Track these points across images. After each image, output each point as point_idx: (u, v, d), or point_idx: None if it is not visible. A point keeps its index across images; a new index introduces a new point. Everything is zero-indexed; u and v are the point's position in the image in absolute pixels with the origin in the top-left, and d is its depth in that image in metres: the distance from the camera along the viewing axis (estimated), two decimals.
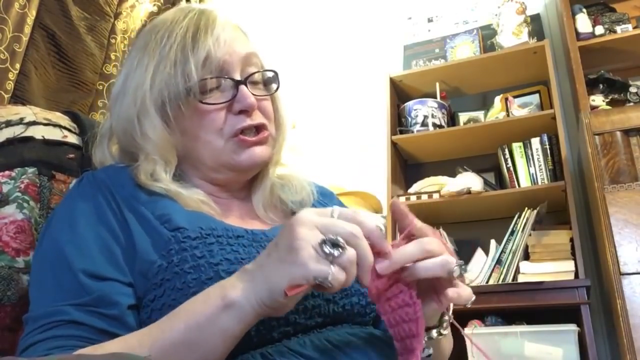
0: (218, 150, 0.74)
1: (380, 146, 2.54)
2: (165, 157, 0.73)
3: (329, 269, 0.49)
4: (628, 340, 1.58)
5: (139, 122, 0.74)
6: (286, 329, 0.62)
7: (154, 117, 0.73)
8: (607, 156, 1.83)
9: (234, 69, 0.75)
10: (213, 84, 0.73)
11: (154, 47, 0.75)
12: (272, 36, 2.80)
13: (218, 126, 0.73)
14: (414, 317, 0.54)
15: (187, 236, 0.64)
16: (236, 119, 0.74)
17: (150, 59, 0.74)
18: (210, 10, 0.78)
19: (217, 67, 0.73)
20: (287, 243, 0.50)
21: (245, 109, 0.73)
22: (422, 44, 2.81)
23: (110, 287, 0.61)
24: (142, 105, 0.73)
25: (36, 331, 0.59)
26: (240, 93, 0.73)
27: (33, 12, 1.49)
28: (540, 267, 1.98)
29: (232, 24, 0.78)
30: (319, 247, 0.49)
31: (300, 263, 0.49)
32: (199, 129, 0.73)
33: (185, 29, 0.74)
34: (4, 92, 1.39)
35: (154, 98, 0.73)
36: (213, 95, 0.73)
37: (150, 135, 0.73)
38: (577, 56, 2.13)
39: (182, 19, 0.75)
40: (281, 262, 0.51)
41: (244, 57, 0.76)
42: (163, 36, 0.75)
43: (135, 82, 0.75)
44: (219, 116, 0.73)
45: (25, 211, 0.78)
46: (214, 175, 0.77)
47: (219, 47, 0.73)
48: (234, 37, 0.76)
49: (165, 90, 0.72)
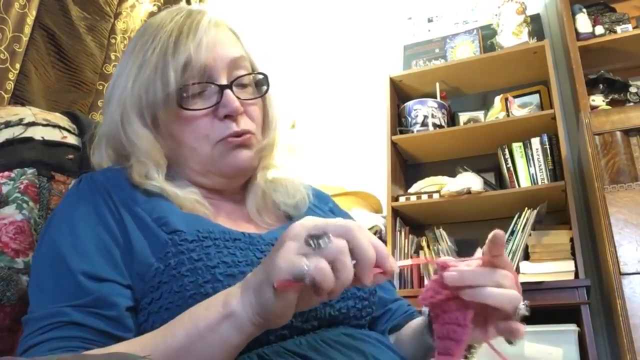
0: (205, 156, 0.73)
1: (380, 146, 2.54)
2: (154, 159, 0.73)
3: (313, 260, 0.46)
4: (628, 340, 1.58)
5: (122, 128, 0.73)
6: (282, 332, 0.62)
7: (135, 122, 0.72)
8: (607, 156, 1.83)
9: (219, 74, 0.73)
10: (196, 89, 0.72)
11: (138, 51, 0.74)
12: (272, 36, 2.80)
13: (204, 132, 0.72)
14: (459, 338, 0.53)
15: (184, 239, 0.64)
16: (222, 124, 0.73)
17: (134, 64, 0.74)
18: (197, 12, 0.76)
19: (199, 71, 0.72)
20: (276, 246, 0.49)
21: (230, 113, 0.72)
22: (422, 44, 2.81)
23: (109, 288, 0.61)
24: (124, 111, 0.73)
25: (36, 332, 0.59)
26: (225, 98, 0.72)
27: (33, 12, 1.49)
28: (540, 267, 1.97)
29: (219, 25, 0.76)
30: (303, 242, 0.47)
31: (283, 257, 0.47)
32: (183, 135, 0.73)
33: (169, 33, 0.73)
34: (4, 92, 1.39)
35: (134, 103, 0.73)
36: (197, 100, 0.72)
37: (134, 140, 0.72)
38: (577, 56, 2.13)
39: (168, 22, 0.74)
40: (267, 264, 0.49)
41: (230, 61, 0.74)
42: (148, 40, 0.74)
43: (120, 86, 0.75)
44: (204, 122, 0.72)
45: (25, 212, 0.78)
46: (202, 180, 0.76)
47: (200, 51, 0.72)
48: (219, 40, 0.74)
49: (144, 95, 0.72)
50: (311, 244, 0.47)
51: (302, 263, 0.45)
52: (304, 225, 0.49)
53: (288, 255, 0.47)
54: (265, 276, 0.48)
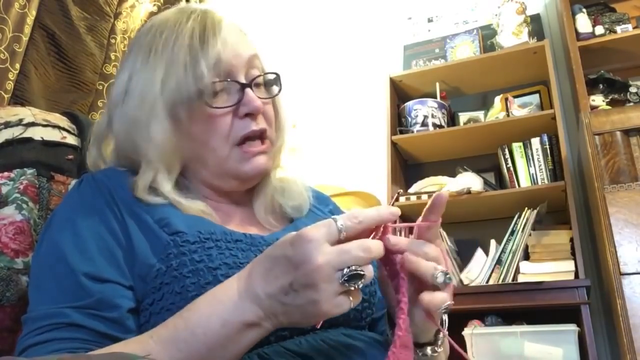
0: (223, 157, 0.73)
1: (380, 146, 2.54)
2: (168, 162, 0.72)
3: (349, 303, 0.52)
4: (628, 340, 1.58)
5: (146, 125, 0.72)
6: (283, 333, 0.62)
7: (164, 120, 0.71)
8: (607, 156, 1.83)
9: (239, 72, 0.74)
10: (220, 87, 0.73)
11: (161, 49, 0.73)
12: (272, 36, 2.79)
13: (225, 131, 0.72)
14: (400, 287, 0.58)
15: (186, 240, 0.64)
16: (242, 123, 0.73)
17: (159, 61, 0.73)
18: (213, 12, 0.76)
19: (225, 70, 0.73)
20: (308, 295, 0.51)
21: (252, 112, 0.73)
22: (422, 44, 2.81)
23: (111, 289, 0.61)
24: (151, 109, 0.72)
25: (35, 332, 0.59)
26: (246, 96, 0.73)
27: (33, 12, 1.49)
28: (540, 267, 1.98)
29: (236, 26, 0.77)
30: (340, 288, 0.51)
31: (324, 313, 0.51)
32: (206, 134, 0.72)
33: (191, 30, 0.73)
34: (3, 92, 1.39)
35: (165, 101, 0.72)
36: (220, 98, 0.73)
37: (158, 138, 0.71)
38: (577, 56, 2.13)
39: (185, 21, 0.74)
40: (304, 310, 0.52)
41: (247, 60, 0.75)
42: (169, 38, 0.73)
43: (141, 84, 0.73)
44: (226, 121, 0.73)
45: (24, 212, 0.78)
46: (217, 183, 0.76)
47: (226, 49, 0.72)
48: (239, 40, 0.76)
49: (178, 93, 0.71)
50: (349, 287, 0.51)
51: (348, 305, 0.52)
52: (329, 263, 0.50)
53: (330, 299, 0.51)
54: (305, 319, 0.53)
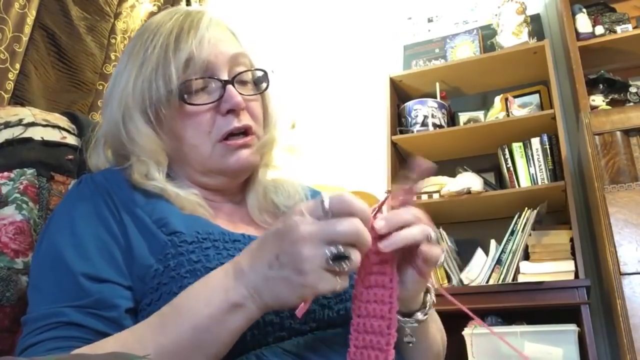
0: (206, 154, 0.73)
1: (380, 146, 2.54)
2: (155, 158, 0.73)
3: (337, 282, 0.49)
4: (628, 340, 1.58)
5: (124, 126, 0.73)
6: (281, 334, 0.62)
7: (138, 120, 0.73)
8: (607, 156, 1.83)
9: (221, 70, 0.74)
10: (199, 85, 0.73)
11: (138, 50, 0.75)
12: (272, 36, 2.80)
13: (206, 129, 0.73)
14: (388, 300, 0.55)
15: (184, 240, 0.64)
16: (224, 120, 0.73)
17: (134, 62, 0.74)
18: (197, 12, 0.77)
19: (201, 67, 0.72)
20: (293, 263, 0.49)
21: (233, 108, 0.73)
22: (422, 44, 2.81)
23: (109, 289, 0.61)
24: (125, 109, 0.73)
25: (35, 332, 0.59)
26: (227, 92, 0.73)
27: (33, 12, 1.49)
28: (540, 267, 1.98)
29: (219, 24, 0.77)
30: (326, 265, 0.49)
31: (311, 285, 0.49)
32: (185, 131, 0.73)
33: (169, 31, 0.73)
34: (3, 92, 1.39)
35: (136, 101, 0.73)
36: (199, 96, 0.73)
37: (136, 139, 0.73)
38: (577, 56, 2.13)
39: (167, 21, 0.75)
40: (289, 283, 0.50)
41: (230, 57, 0.75)
42: (147, 39, 0.74)
43: (120, 85, 0.75)
44: (206, 118, 0.73)
45: (24, 212, 0.78)
46: (204, 180, 0.77)
47: (202, 47, 0.72)
48: (220, 38, 0.75)
49: (147, 93, 0.72)
50: (335, 268, 0.49)
51: (335, 283, 0.49)
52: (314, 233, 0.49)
53: (319, 283, 0.49)
54: (292, 293, 0.50)
